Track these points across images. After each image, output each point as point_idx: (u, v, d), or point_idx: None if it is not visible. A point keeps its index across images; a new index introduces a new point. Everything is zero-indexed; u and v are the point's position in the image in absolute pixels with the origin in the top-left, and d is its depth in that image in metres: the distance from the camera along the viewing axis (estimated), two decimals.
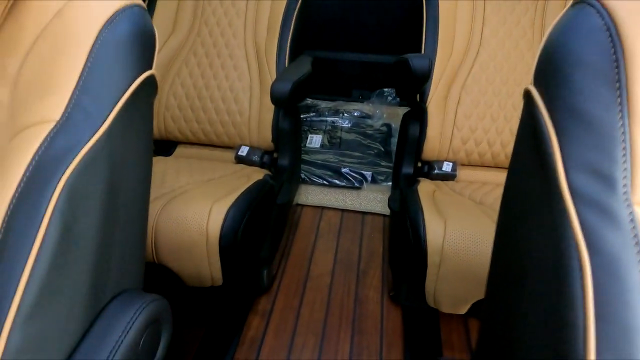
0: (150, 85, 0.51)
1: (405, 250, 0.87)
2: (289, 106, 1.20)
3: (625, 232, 0.28)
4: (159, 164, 1.14)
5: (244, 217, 0.84)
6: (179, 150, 1.31)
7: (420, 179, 1.18)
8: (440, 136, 1.19)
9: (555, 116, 0.33)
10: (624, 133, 0.30)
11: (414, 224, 0.81)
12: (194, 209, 0.82)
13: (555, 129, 0.33)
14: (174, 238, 0.80)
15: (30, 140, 0.41)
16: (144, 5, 0.51)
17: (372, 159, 1.63)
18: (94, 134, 0.42)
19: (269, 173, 1.19)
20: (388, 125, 1.85)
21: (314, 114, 1.90)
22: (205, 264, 0.82)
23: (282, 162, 1.24)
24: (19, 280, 0.36)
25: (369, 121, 1.86)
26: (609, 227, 0.29)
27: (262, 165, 1.23)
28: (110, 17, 0.45)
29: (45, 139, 0.41)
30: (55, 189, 0.38)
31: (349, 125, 1.84)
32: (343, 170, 1.55)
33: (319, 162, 1.60)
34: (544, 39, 0.37)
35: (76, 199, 0.40)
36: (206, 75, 1.26)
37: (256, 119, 1.23)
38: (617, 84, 0.30)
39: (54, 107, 0.42)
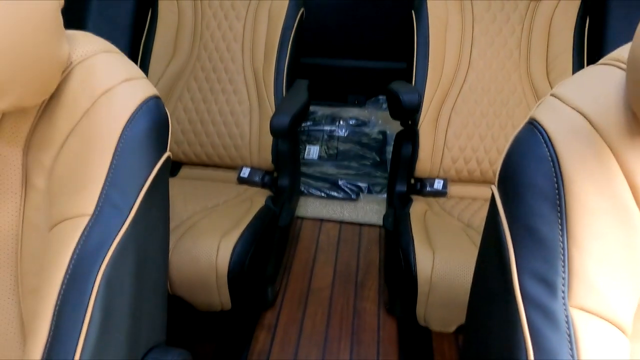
0: (166, 164, 0.58)
1: (397, 275, 0.94)
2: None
3: (562, 332, 0.36)
4: None
5: (249, 250, 0.92)
6: (184, 171, 1.37)
7: (413, 196, 1.25)
8: (431, 156, 1.25)
9: (511, 225, 0.40)
10: (563, 248, 0.37)
11: (405, 254, 0.88)
12: (204, 245, 0.89)
13: (512, 237, 0.40)
14: (186, 273, 0.88)
15: (70, 234, 0.48)
16: (157, 93, 0.57)
17: (368, 170, 1.70)
18: (122, 225, 0.49)
19: (271, 194, 1.26)
20: (383, 133, 1.90)
21: (310, 122, 1.96)
22: (215, 294, 0.90)
23: (282, 182, 1.31)
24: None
25: (365, 129, 1.92)
26: (550, 328, 0.36)
27: (263, 185, 1.30)
28: (131, 116, 0.52)
29: (83, 233, 0.47)
30: (95, 280, 0.46)
31: (345, 133, 1.90)
32: (340, 182, 1.62)
33: (317, 174, 1.66)
34: (507, 148, 0.44)
35: (112, 284, 0.47)
36: (207, 99, 1.32)
37: (256, 142, 1.29)
38: (559, 207, 0.37)
39: (88, 202, 0.49)
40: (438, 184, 1.27)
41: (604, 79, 0.39)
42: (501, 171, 0.44)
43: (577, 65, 1.17)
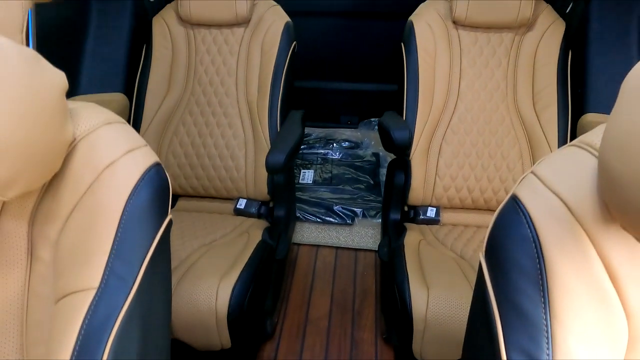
0: (168, 226, 0.60)
1: (393, 310, 0.97)
2: None
3: None
4: None
5: (248, 290, 0.93)
6: (181, 203, 1.39)
7: (407, 225, 1.27)
8: (423, 185, 1.28)
9: (498, 299, 0.43)
10: (546, 325, 0.40)
11: (400, 293, 0.91)
12: (203, 289, 0.91)
13: (499, 311, 0.42)
14: (186, 317, 0.89)
15: (76, 308, 0.49)
16: (158, 160, 0.59)
17: (362, 193, 1.72)
18: (127, 297, 0.51)
19: (267, 224, 1.28)
20: (376, 155, 1.94)
21: (305, 146, 1.98)
22: (215, 336, 0.91)
23: (278, 212, 1.33)
24: None
25: (359, 151, 1.95)
26: None
27: (259, 216, 1.32)
28: (134, 188, 0.54)
29: (89, 307, 0.49)
30: (103, 353, 0.47)
31: (339, 156, 1.93)
32: (335, 207, 1.64)
33: (312, 199, 1.69)
34: (493, 220, 0.47)
35: (119, 355, 0.49)
36: (202, 133, 1.34)
37: (252, 174, 1.31)
38: (541, 287, 0.40)
39: (93, 275, 0.51)
40: (431, 212, 1.30)
41: (580, 164, 0.42)
42: (488, 242, 0.47)
43: (562, 98, 1.21)
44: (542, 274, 0.40)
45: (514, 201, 0.44)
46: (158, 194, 0.57)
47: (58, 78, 0.48)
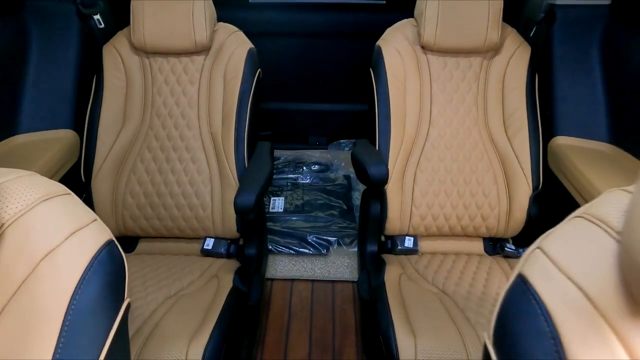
0: (125, 312, 0.51)
1: (378, 356, 0.91)
2: None
3: None
4: None
5: (221, 350, 0.85)
6: (142, 245, 1.27)
7: (385, 256, 1.23)
8: (400, 214, 1.24)
9: None
10: None
11: (386, 341, 0.85)
12: (170, 352, 0.81)
13: None
14: None
15: None
16: (110, 236, 0.51)
17: (336, 220, 1.67)
18: None
19: (238, 264, 1.19)
20: (347, 177, 1.89)
21: (274, 171, 1.91)
22: None
23: (250, 251, 1.25)
24: None
25: (330, 174, 1.90)
26: None
27: (228, 256, 1.23)
28: (80, 278, 0.45)
29: None
30: None
31: (310, 180, 1.86)
32: (309, 237, 1.57)
33: (284, 230, 1.61)
34: (499, 304, 0.41)
35: None
36: (163, 170, 1.24)
37: (219, 212, 1.22)
38: None
39: None
40: (409, 242, 1.26)
41: (594, 244, 0.38)
42: (496, 328, 0.42)
43: (532, 121, 1.21)
44: None
45: (523, 283, 0.40)
46: (112, 280, 0.48)
47: None
